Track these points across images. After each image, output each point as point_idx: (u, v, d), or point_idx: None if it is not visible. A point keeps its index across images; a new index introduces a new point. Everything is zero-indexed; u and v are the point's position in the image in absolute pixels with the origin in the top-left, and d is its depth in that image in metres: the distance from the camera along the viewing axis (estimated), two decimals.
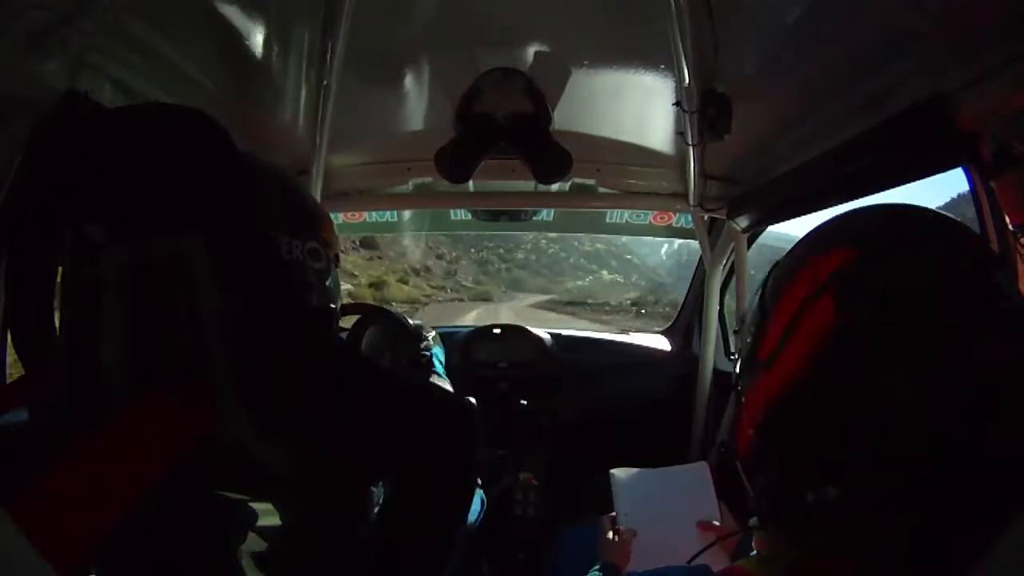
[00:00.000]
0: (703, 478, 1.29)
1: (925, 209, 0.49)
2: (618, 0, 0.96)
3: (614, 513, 1.21)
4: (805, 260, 0.49)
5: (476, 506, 0.94)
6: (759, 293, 0.54)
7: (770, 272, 0.54)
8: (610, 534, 1.13)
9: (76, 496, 0.45)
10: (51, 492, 0.45)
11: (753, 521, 0.53)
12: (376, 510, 0.66)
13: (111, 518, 0.46)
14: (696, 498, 1.24)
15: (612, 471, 1.34)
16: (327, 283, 0.68)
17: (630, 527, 1.15)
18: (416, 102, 1.29)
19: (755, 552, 0.56)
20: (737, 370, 0.55)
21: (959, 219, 0.48)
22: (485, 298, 15.09)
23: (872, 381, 0.42)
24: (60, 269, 0.59)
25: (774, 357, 0.48)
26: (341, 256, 0.75)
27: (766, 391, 0.48)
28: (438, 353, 1.17)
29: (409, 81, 1.20)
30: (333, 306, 0.70)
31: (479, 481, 0.99)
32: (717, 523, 1.18)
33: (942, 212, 0.48)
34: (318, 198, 1.42)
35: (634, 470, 1.35)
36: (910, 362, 0.42)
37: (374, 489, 0.66)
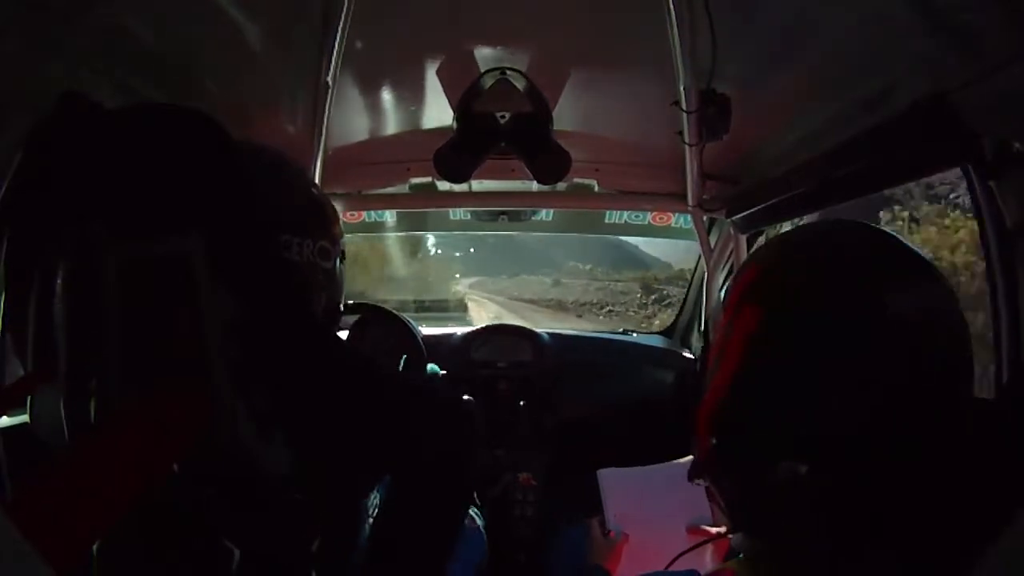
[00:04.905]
0: None
1: (849, 224, 0.55)
2: (616, 0, 0.96)
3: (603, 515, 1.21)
4: (740, 274, 0.57)
5: (479, 541, 0.94)
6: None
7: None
8: (600, 536, 1.13)
9: (76, 496, 0.45)
10: (51, 492, 0.45)
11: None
12: (375, 512, 0.66)
13: (111, 518, 0.46)
14: (686, 495, 1.23)
15: (599, 472, 1.34)
16: (335, 281, 0.68)
17: (620, 529, 1.15)
18: (416, 102, 1.29)
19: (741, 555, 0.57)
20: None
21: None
22: None
23: (787, 376, 0.49)
24: (60, 269, 0.59)
25: (717, 362, 0.55)
26: None
27: (715, 392, 0.55)
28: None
29: (409, 81, 1.20)
30: (338, 305, 0.70)
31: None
32: (708, 525, 1.18)
33: (878, 228, 0.54)
34: None
35: (622, 469, 1.35)
36: (811, 361, 0.48)
37: (371, 492, 0.66)
